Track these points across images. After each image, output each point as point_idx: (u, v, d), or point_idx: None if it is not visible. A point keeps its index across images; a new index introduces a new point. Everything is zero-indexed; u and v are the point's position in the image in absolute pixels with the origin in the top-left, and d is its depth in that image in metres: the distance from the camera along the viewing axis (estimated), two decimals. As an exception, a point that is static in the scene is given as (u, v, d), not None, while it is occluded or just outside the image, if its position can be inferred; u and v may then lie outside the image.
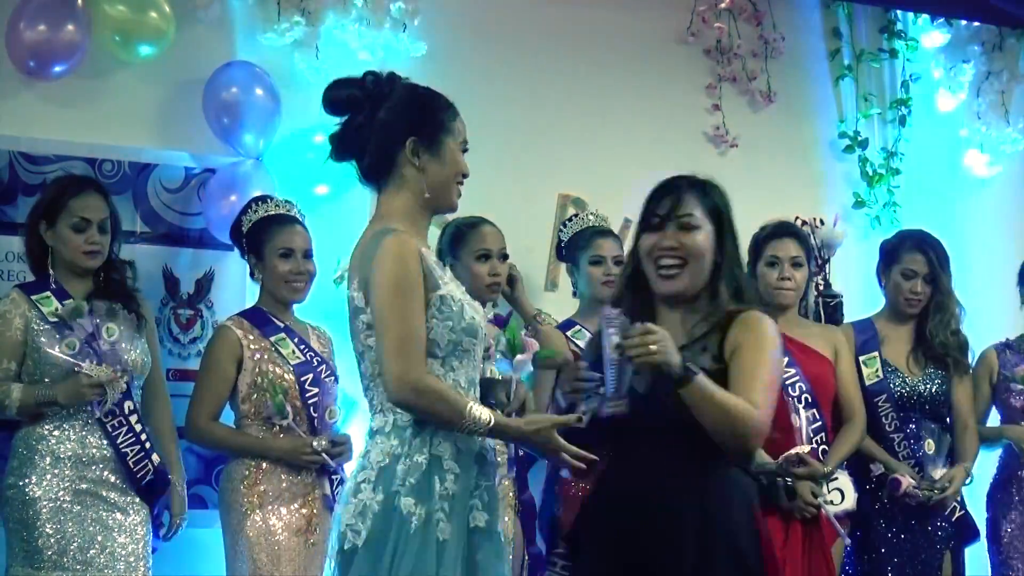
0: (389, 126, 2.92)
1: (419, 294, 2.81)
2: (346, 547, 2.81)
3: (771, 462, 4.30)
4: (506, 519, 2.92)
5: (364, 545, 2.79)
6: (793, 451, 4.26)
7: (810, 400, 4.43)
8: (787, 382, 4.43)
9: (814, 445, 4.37)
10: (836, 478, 4.40)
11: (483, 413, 2.80)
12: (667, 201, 3.04)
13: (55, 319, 3.87)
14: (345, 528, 2.81)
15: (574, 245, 4.61)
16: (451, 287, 2.89)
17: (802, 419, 4.31)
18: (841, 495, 4.39)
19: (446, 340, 2.84)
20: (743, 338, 2.93)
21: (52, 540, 3.77)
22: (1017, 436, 4.79)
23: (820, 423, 4.43)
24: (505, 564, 2.94)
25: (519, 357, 2.86)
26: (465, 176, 3.03)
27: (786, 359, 4.46)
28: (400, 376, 2.77)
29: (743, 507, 2.97)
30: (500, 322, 2.93)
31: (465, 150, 3.02)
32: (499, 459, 3.17)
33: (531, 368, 3.64)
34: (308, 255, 4.24)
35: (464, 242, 4.34)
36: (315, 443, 4.03)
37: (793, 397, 4.40)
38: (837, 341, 4.63)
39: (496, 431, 2.83)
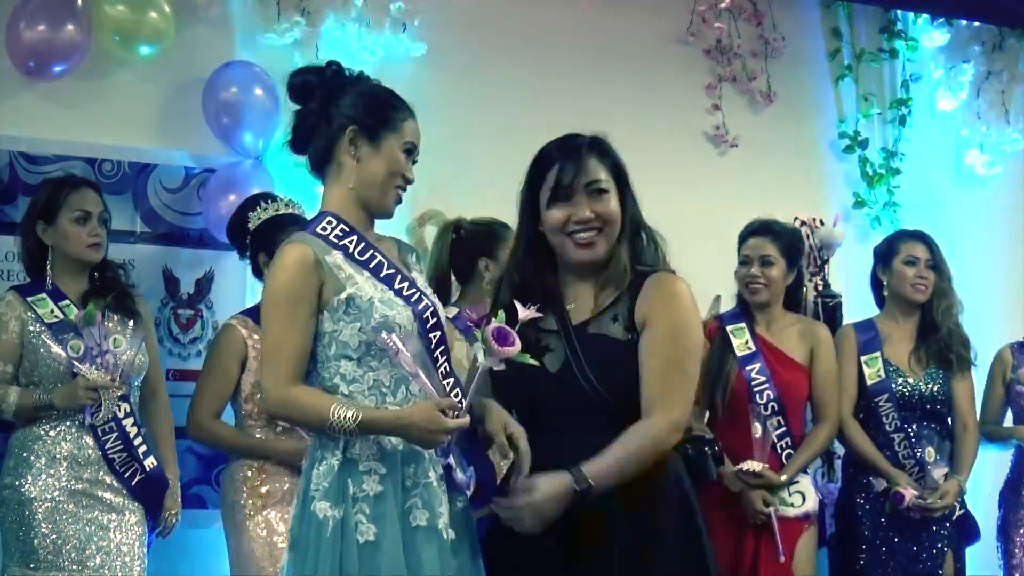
0: (335, 115, 2.87)
1: (301, 306, 2.77)
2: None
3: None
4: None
5: (289, 549, 2.81)
6: (745, 466, 4.30)
7: (776, 408, 4.43)
8: (755, 390, 4.43)
9: (778, 451, 4.40)
10: (797, 481, 4.42)
11: (348, 411, 2.71)
12: (570, 168, 2.91)
13: (53, 320, 3.87)
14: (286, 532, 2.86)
15: None
16: (364, 287, 2.81)
17: (762, 429, 4.34)
18: (802, 498, 4.40)
19: (357, 341, 2.78)
20: (655, 307, 2.80)
21: (48, 540, 3.76)
22: None
23: (784, 429, 4.44)
24: (451, 560, 2.81)
25: (481, 360, 2.77)
26: (407, 181, 2.92)
27: (757, 365, 4.48)
28: (266, 389, 2.81)
29: (673, 484, 2.84)
30: (475, 323, 2.84)
31: (413, 159, 2.93)
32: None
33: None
34: None
35: (502, 244, 4.28)
36: None
37: (760, 405, 4.41)
38: (817, 340, 4.58)
39: (365, 426, 2.72)
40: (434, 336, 2.89)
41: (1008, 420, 4.94)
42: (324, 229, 2.86)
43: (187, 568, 4.35)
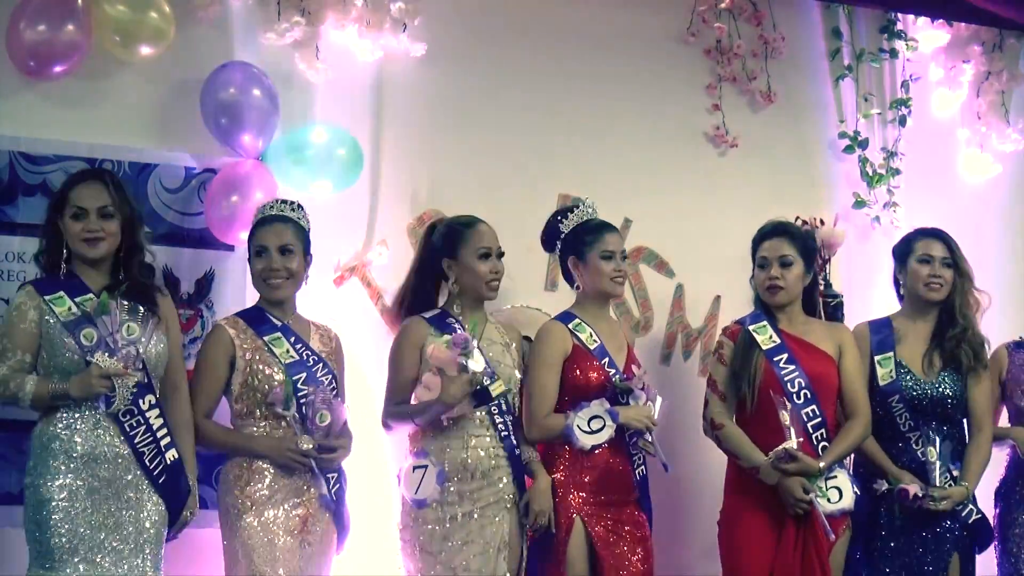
0: None
1: None
2: None
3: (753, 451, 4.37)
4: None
5: None
6: (781, 447, 4.26)
7: (809, 396, 4.41)
8: (785, 378, 4.42)
9: (813, 441, 4.37)
10: (835, 476, 4.38)
11: None
12: None
13: (70, 318, 3.86)
14: None
15: (578, 238, 4.55)
16: None
17: (790, 417, 4.30)
18: (839, 493, 4.35)
19: None
20: None
21: (64, 540, 3.76)
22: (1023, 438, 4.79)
23: (820, 419, 4.42)
24: None
25: None
26: None
27: (785, 355, 4.48)
28: None
29: None
30: None
31: None
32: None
33: None
34: (285, 251, 4.16)
35: (463, 241, 4.32)
36: (301, 443, 4.01)
37: (792, 393, 4.40)
38: (842, 338, 4.61)
39: None
40: None
41: (1003, 420, 4.94)
42: None
43: (188, 568, 4.35)
